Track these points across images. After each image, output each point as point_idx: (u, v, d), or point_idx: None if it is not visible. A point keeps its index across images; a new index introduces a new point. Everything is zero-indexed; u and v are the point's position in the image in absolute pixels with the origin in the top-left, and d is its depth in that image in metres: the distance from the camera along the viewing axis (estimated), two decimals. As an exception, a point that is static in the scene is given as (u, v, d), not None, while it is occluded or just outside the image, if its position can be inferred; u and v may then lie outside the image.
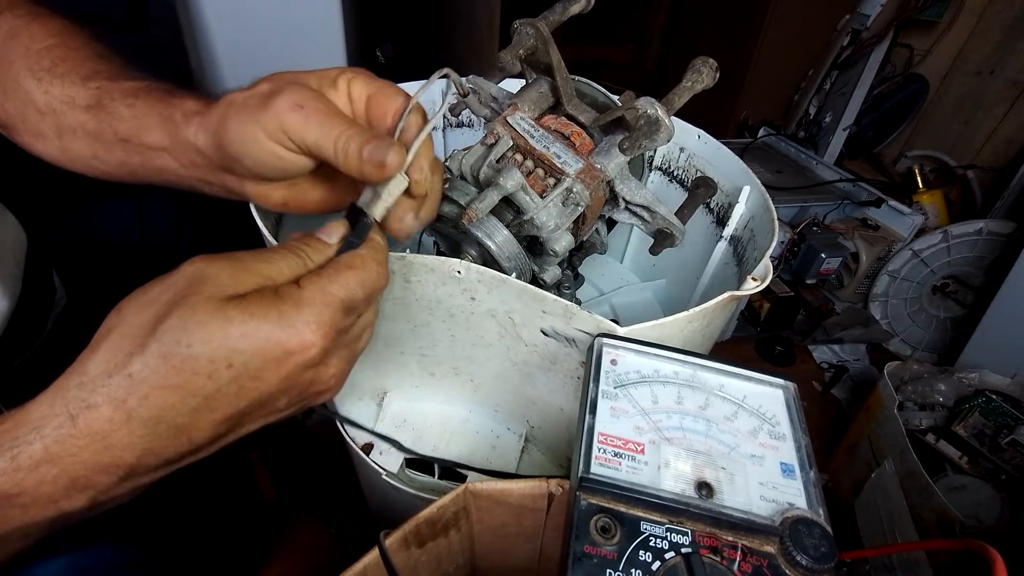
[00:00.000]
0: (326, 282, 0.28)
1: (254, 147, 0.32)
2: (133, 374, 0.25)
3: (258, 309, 0.26)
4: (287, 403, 0.29)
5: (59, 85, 0.37)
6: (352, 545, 0.80)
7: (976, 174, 1.32)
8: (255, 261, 0.29)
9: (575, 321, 0.39)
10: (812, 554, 0.26)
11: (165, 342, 0.25)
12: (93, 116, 0.36)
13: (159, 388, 0.25)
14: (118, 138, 0.36)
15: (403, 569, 0.38)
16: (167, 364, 0.25)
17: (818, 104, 1.43)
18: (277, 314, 0.26)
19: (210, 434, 0.27)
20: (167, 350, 0.25)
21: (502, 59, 0.45)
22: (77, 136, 0.37)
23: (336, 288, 0.28)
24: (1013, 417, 0.83)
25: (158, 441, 0.26)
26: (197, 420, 0.26)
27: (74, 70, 0.37)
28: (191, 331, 0.25)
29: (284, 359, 0.27)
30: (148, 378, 0.25)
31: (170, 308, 0.26)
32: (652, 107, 0.40)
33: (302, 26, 0.71)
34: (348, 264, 0.30)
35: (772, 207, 0.50)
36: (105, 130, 0.36)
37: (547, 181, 0.43)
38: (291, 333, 0.26)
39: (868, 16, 1.25)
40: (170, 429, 0.26)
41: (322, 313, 0.27)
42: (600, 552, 0.26)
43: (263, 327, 0.26)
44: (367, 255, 0.31)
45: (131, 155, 0.36)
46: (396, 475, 0.54)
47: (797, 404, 0.33)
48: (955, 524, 0.69)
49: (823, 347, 1.22)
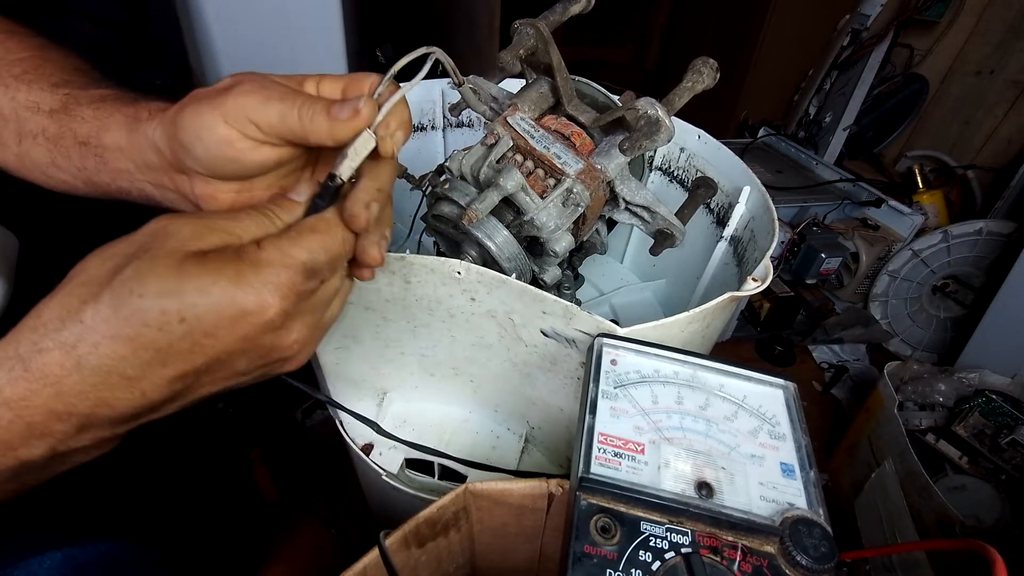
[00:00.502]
0: (287, 243, 0.28)
1: (206, 134, 0.31)
2: (85, 321, 0.25)
3: (215, 266, 0.26)
4: (248, 366, 0.29)
5: (25, 91, 0.36)
6: (352, 545, 0.80)
7: (976, 174, 1.32)
8: (220, 218, 0.28)
9: (575, 321, 0.39)
10: (812, 554, 0.26)
11: (119, 292, 0.25)
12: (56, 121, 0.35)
13: (109, 338, 0.25)
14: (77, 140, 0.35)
15: (403, 569, 0.38)
16: (118, 314, 0.25)
17: (818, 104, 1.43)
18: (234, 271, 0.26)
19: (165, 391, 0.27)
20: (120, 300, 0.25)
21: (502, 59, 0.45)
22: (37, 142, 0.36)
23: (297, 250, 0.28)
24: (1013, 417, 0.83)
25: (110, 392, 0.25)
26: (149, 374, 0.26)
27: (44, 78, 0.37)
28: (146, 283, 0.25)
29: (240, 318, 0.26)
30: (98, 326, 0.25)
31: (128, 260, 0.26)
32: (652, 107, 0.40)
33: (302, 26, 0.71)
34: (311, 227, 0.29)
35: (772, 207, 0.50)
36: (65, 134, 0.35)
37: (547, 181, 0.43)
38: (247, 292, 0.26)
39: (868, 16, 1.25)
40: (122, 380, 0.25)
41: (280, 274, 0.27)
42: (600, 552, 0.26)
43: (219, 283, 0.26)
44: (332, 219, 0.30)
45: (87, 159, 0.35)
46: (396, 475, 0.54)
47: (797, 404, 0.33)
48: (955, 524, 0.69)
49: (823, 347, 1.22)
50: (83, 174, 0.36)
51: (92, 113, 0.35)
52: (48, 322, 0.25)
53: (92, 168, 0.36)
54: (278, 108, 0.30)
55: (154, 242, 0.26)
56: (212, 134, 0.31)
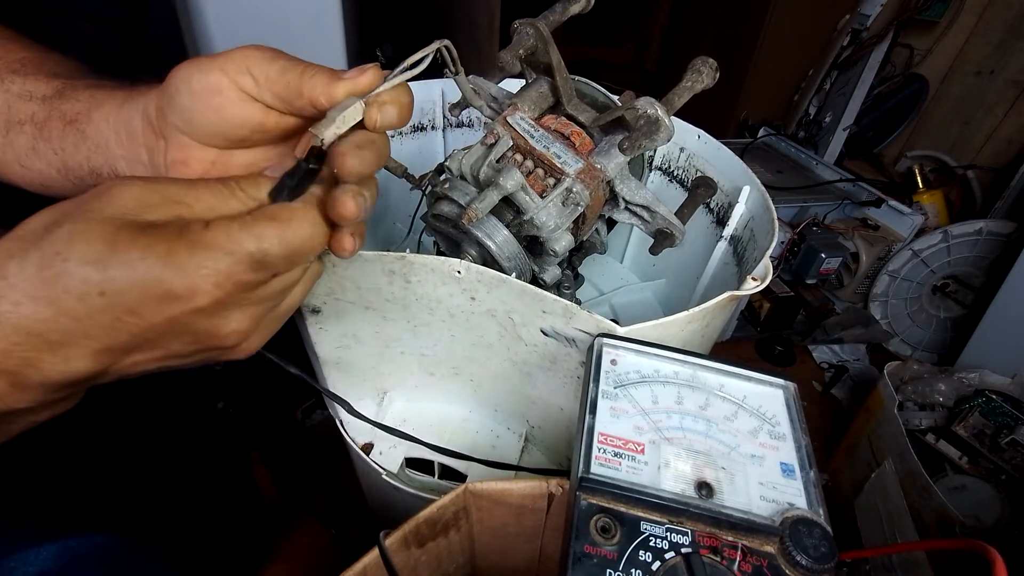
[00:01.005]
0: (236, 228, 0.25)
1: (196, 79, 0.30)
2: (8, 277, 0.23)
3: (148, 241, 0.24)
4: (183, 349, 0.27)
5: (20, 82, 0.36)
6: (352, 545, 0.80)
7: (976, 174, 1.32)
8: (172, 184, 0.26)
9: (575, 321, 0.39)
10: (812, 554, 0.26)
11: (45, 252, 0.23)
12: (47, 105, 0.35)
13: (30, 297, 0.23)
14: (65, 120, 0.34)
15: (403, 569, 0.38)
16: (40, 274, 0.23)
17: (818, 104, 1.43)
18: (166, 249, 0.24)
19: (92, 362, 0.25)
20: (45, 260, 0.23)
21: (502, 59, 0.45)
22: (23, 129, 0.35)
23: (246, 237, 0.25)
24: (1013, 417, 0.83)
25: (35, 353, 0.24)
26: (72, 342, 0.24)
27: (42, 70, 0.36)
28: (74, 246, 0.23)
29: (165, 300, 0.25)
30: (20, 284, 0.23)
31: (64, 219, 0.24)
32: (652, 107, 0.40)
33: (302, 26, 0.71)
34: (271, 215, 0.27)
35: (772, 207, 0.50)
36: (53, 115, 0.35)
37: (547, 181, 0.43)
38: (176, 274, 0.24)
39: (868, 16, 1.25)
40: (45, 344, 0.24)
41: (219, 260, 0.25)
42: (600, 552, 0.26)
43: (146, 261, 0.24)
44: (300, 209, 0.27)
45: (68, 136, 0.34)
46: (396, 475, 0.54)
47: (797, 404, 0.33)
48: (955, 524, 0.69)
49: (823, 347, 1.22)
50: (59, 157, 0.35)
51: (88, 94, 0.35)
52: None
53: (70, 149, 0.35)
54: (282, 64, 0.30)
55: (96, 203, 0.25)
56: (202, 80, 0.30)
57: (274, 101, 0.31)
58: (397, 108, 0.31)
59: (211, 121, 0.31)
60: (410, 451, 0.56)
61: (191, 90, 0.30)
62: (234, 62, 0.30)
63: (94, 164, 0.35)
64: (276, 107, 0.31)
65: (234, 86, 0.30)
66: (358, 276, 0.41)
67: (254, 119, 0.32)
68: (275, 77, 0.30)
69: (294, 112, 0.32)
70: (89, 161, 0.35)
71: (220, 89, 0.30)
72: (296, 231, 0.27)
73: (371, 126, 0.31)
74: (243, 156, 0.34)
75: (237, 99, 0.31)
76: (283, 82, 0.30)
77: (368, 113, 0.30)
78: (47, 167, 0.36)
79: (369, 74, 0.30)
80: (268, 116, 0.32)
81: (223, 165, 0.33)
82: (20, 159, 0.36)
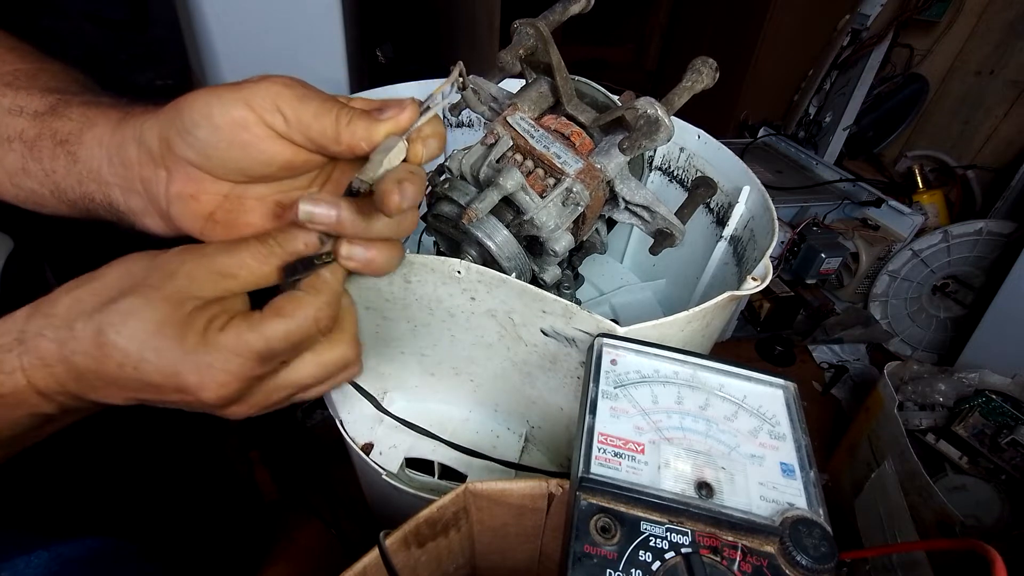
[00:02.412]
0: (246, 329, 0.28)
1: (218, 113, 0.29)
2: (75, 330, 0.28)
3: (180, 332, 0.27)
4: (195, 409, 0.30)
5: (12, 96, 0.34)
6: (352, 545, 0.80)
7: (976, 174, 1.32)
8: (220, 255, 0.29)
9: (575, 321, 0.39)
10: (812, 554, 0.26)
11: (106, 321, 0.27)
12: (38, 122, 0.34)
13: (82, 354, 0.27)
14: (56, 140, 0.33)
15: (403, 569, 0.38)
16: (96, 339, 0.27)
17: (818, 104, 1.43)
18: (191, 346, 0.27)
19: (123, 401, 0.29)
20: (102, 328, 0.27)
21: (502, 59, 0.45)
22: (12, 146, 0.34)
23: (253, 337, 0.28)
24: (1013, 417, 0.83)
25: (84, 388, 0.28)
26: (107, 389, 0.29)
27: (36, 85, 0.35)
28: (127, 323, 0.27)
29: (180, 389, 0.28)
30: (81, 341, 0.27)
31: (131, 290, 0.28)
32: (652, 107, 0.40)
33: (302, 26, 0.71)
34: (277, 310, 0.29)
35: (772, 207, 0.50)
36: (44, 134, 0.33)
37: (547, 181, 0.43)
38: (191, 371, 0.27)
39: (868, 16, 1.25)
40: (88, 385, 0.28)
41: (229, 361, 0.28)
42: (600, 552, 0.26)
43: (173, 352, 0.27)
44: (304, 299, 0.29)
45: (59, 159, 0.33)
46: (396, 475, 0.54)
47: (797, 404, 0.33)
48: (955, 524, 0.69)
49: (823, 347, 1.22)
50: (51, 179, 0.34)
51: (80, 112, 0.34)
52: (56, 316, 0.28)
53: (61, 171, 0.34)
54: (315, 105, 0.29)
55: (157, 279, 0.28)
56: (225, 115, 0.29)
57: (305, 143, 0.30)
58: (438, 140, 0.32)
59: (235, 158, 0.30)
60: (410, 451, 0.56)
61: (213, 125, 0.29)
62: (261, 97, 0.29)
63: (87, 189, 0.34)
64: (306, 147, 0.31)
65: (262, 123, 0.29)
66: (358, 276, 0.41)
67: (283, 157, 0.31)
68: (309, 121, 0.29)
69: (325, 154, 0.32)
70: (81, 186, 0.34)
71: (247, 125, 0.29)
72: (300, 322, 0.29)
73: (417, 162, 0.31)
74: (258, 189, 0.33)
75: (265, 136, 0.30)
76: (319, 128, 0.29)
77: (413, 150, 0.31)
78: (39, 187, 0.35)
79: (409, 111, 0.30)
80: (297, 154, 0.31)
81: (237, 199, 0.33)
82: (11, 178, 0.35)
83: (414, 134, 0.30)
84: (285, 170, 0.32)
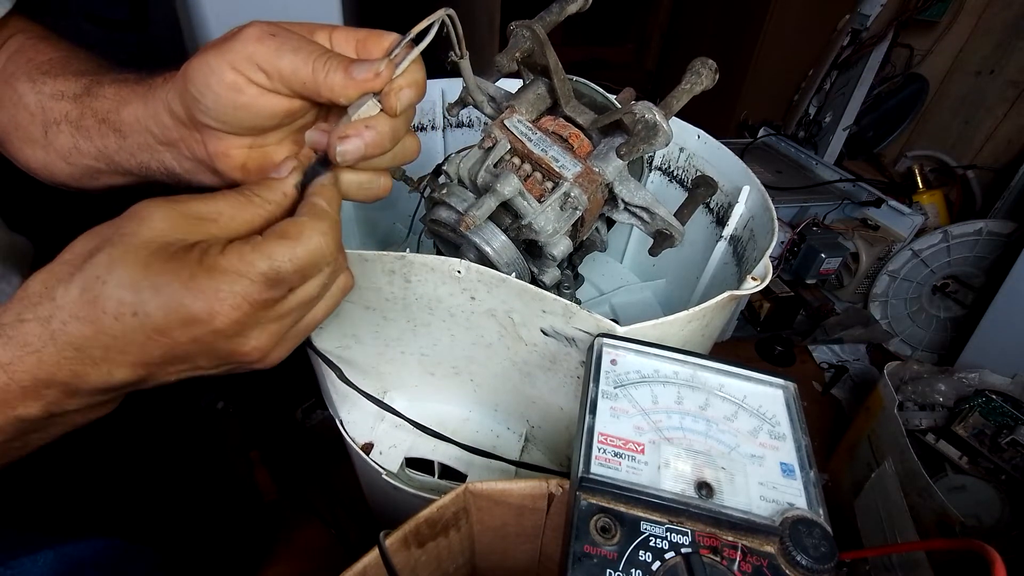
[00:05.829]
0: (248, 250, 0.27)
1: (215, 81, 0.30)
2: (56, 299, 0.26)
3: (174, 266, 0.26)
4: (209, 363, 0.29)
5: (51, 83, 0.37)
6: (352, 545, 0.80)
7: (976, 174, 1.32)
8: (195, 202, 0.28)
9: (575, 321, 0.39)
10: (812, 554, 0.26)
11: (87, 276, 0.26)
12: (78, 104, 0.36)
13: (74, 318, 0.26)
14: (97, 118, 0.35)
15: (403, 569, 0.38)
16: (83, 297, 0.26)
17: (818, 104, 1.43)
18: (188, 275, 0.26)
19: (130, 374, 0.27)
20: (87, 284, 0.26)
21: (498, 63, 0.45)
22: (60, 128, 0.36)
23: (258, 258, 0.27)
24: (1013, 417, 0.83)
25: (82, 367, 0.27)
26: (111, 357, 0.27)
27: (69, 69, 0.37)
28: (112, 270, 0.26)
29: (190, 323, 0.26)
30: (66, 306, 0.26)
31: (104, 244, 0.26)
32: (650, 112, 0.40)
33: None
34: (281, 233, 0.28)
35: (772, 207, 0.50)
36: (86, 114, 0.36)
37: (545, 185, 0.43)
38: (197, 298, 0.26)
39: (868, 16, 1.25)
40: (89, 359, 0.26)
41: (235, 283, 0.26)
42: (600, 552, 0.26)
43: (172, 286, 0.26)
44: (306, 222, 0.28)
45: (107, 136, 0.36)
46: (396, 475, 0.54)
47: (797, 404, 0.33)
48: (955, 524, 0.69)
49: (823, 347, 1.22)
50: (105, 154, 0.36)
51: (113, 91, 0.36)
52: (32, 295, 0.27)
53: (113, 147, 0.36)
54: (290, 59, 0.30)
55: (129, 227, 0.27)
56: (220, 81, 0.30)
57: (293, 94, 0.31)
58: (414, 88, 0.32)
59: (242, 117, 0.32)
60: (410, 451, 0.56)
61: (213, 92, 0.30)
62: (241, 57, 0.30)
63: (141, 160, 0.36)
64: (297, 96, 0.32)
65: (251, 83, 0.30)
66: (358, 276, 0.41)
67: (280, 108, 0.32)
68: (288, 77, 0.30)
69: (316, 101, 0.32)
70: (134, 158, 0.36)
71: (239, 88, 0.30)
72: (305, 244, 0.28)
73: (392, 114, 0.32)
74: (275, 135, 0.35)
75: (258, 94, 0.31)
76: (298, 83, 0.30)
77: (387, 104, 0.31)
78: (94, 162, 0.37)
79: (383, 77, 0.30)
80: (292, 102, 0.32)
81: (259, 148, 0.34)
82: (65, 158, 0.37)
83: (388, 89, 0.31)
84: (290, 116, 0.33)
